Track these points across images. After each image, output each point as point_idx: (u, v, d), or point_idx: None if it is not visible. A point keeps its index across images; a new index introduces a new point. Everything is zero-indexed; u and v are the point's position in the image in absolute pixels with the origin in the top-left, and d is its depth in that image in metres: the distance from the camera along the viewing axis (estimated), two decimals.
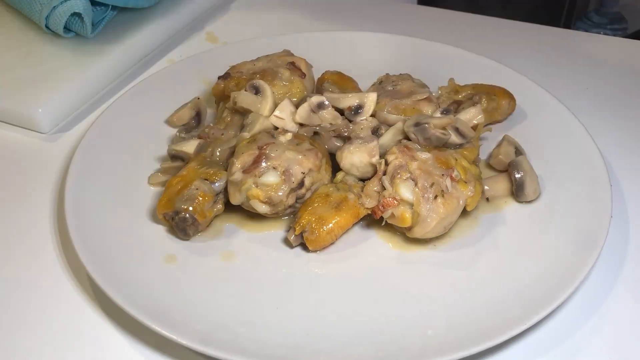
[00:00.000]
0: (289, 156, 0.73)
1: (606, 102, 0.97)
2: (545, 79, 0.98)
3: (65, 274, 0.72)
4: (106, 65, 1.00)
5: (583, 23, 2.22)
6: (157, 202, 0.74)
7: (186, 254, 0.72)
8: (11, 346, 0.65)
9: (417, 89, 0.85)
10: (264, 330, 0.64)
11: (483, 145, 0.84)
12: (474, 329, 0.63)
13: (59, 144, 0.91)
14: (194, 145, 0.80)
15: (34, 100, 0.92)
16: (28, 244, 0.76)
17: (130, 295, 0.65)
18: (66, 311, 0.69)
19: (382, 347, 0.62)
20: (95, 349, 0.65)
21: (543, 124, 0.88)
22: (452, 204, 0.70)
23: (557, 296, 0.64)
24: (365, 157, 0.75)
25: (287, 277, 0.70)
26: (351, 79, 0.91)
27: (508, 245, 0.73)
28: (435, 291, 0.68)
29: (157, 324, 0.62)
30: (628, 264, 0.73)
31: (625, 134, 0.91)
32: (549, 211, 0.76)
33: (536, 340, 0.66)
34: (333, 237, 0.72)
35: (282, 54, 0.91)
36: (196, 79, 0.97)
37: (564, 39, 1.13)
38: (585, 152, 0.81)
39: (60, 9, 0.98)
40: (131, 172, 0.82)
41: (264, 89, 0.82)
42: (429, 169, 0.71)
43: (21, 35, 1.03)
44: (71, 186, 0.77)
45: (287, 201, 0.72)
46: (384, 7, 1.22)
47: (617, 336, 0.66)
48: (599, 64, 1.05)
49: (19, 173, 0.86)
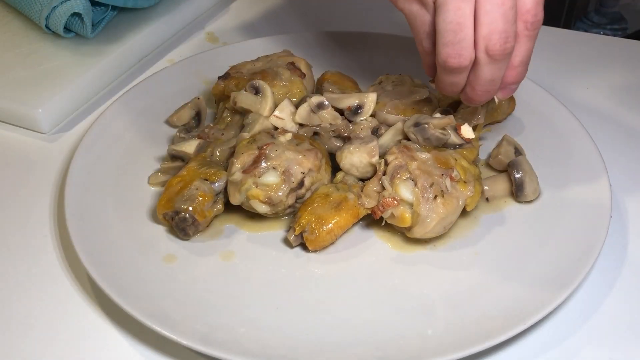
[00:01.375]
0: (288, 156, 0.73)
1: (606, 102, 0.97)
2: (545, 79, 0.98)
3: (65, 274, 0.72)
4: (106, 65, 1.00)
5: (583, 23, 2.21)
6: (157, 202, 0.74)
7: (186, 254, 0.72)
8: (11, 346, 0.65)
9: (416, 89, 0.85)
10: (264, 330, 0.64)
11: (483, 145, 0.84)
12: (474, 329, 0.63)
13: (59, 144, 0.91)
14: (194, 145, 0.80)
15: (34, 100, 0.92)
16: (28, 244, 0.76)
17: (130, 295, 0.65)
18: (66, 311, 0.69)
19: (382, 347, 0.62)
20: (95, 349, 0.65)
21: (543, 124, 0.88)
22: (452, 204, 0.70)
23: (557, 296, 0.64)
24: (365, 157, 0.75)
25: (287, 277, 0.70)
26: (351, 79, 0.91)
27: (508, 245, 0.73)
28: (435, 291, 0.68)
29: (157, 324, 0.62)
30: (628, 264, 0.73)
31: (625, 134, 0.91)
32: (549, 211, 0.76)
33: (536, 340, 0.66)
34: (333, 237, 0.72)
35: (282, 54, 0.91)
36: (196, 79, 0.97)
37: (564, 39, 1.12)
38: (585, 152, 0.81)
39: (60, 9, 0.98)
40: (131, 172, 0.82)
41: (264, 89, 0.82)
42: (428, 169, 0.71)
43: (21, 36, 1.03)
44: (71, 186, 0.77)
45: (286, 201, 0.72)
46: (384, 7, 1.22)
47: (617, 336, 0.66)
48: (599, 64, 1.05)
49: (19, 173, 0.86)
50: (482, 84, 0.68)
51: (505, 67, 0.67)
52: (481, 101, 0.71)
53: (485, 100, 0.71)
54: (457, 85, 0.70)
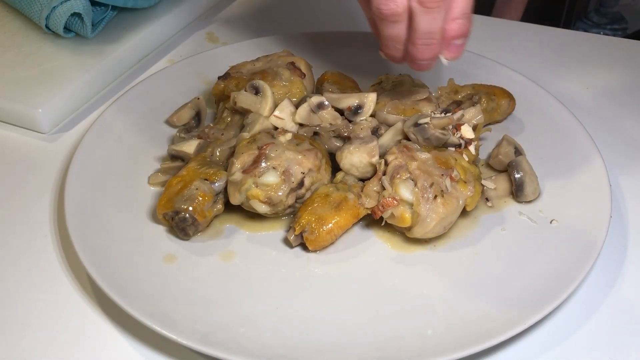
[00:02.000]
0: (288, 156, 0.73)
1: (606, 102, 0.97)
2: (545, 79, 0.98)
3: (65, 274, 0.72)
4: (106, 65, 1.00)
5: (583, 23, 2.21)
6: (157, 202, 0.74)
7: (186, 254, 0.72)
8: (11, 346, 0.65)
9: (416, 89, 0.85)
10: (264, 330, 0.64)
11: (483, 145, 0.84)
12: (474, 329, 0.63)
13: (59, 144, 0.91)
14: (194, 145, 0.80)
15: (34, 100, 0.92)
16: (28, 244, 0.76)
17: (130, 295, 0.65)
18: (66, 311, 0.69)
19: (382, 347, 0.62)
20: (95, 349, 0.65)
21: (543, 124, 0.88)
22: (452, 204, 0.70)
23: (557, 296, 0.64)
24: (364, 157, 0.75)
25: (286, 277, 0.70)
26: (351, 79, 0.91)
27: (507, 245, 0.73)
28: (434, 291, 0.68)
29: (157, 324, 0.62)
30: (628, 264, 0.73)
31: (625, 134, 0.91)
32: (549, 211, 0.76)
33: (536, 340, 0.66)
34: (333, 237, 0.72)
35: (282, 54, 0.91)
36: (196, 79, 0.97)
37: (564, 39, 1.13)
38: (585, 152, 0.81)
39: (60, 9, 0.98)
40: (131, 172, 0.82)
41: (264, 89, 0.82)
42: (428, 169, 0.71)
43: (21, 36, 1.03)
44: (71, 186, 0.77)
45: (286, 201, 0.72)
46: None
47: (617, 336, 0.66)
48: (599, 64, 1.05)
49: (19, 173, 0.86)
50: (420, 36, 0.67)
51: (442, 19, 0.66)
52: (425, 59, 0.69)
53: (429, 59, 0.70)
54: (397, 40, 0.68)
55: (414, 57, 0.69)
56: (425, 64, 0.70)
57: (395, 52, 0.70)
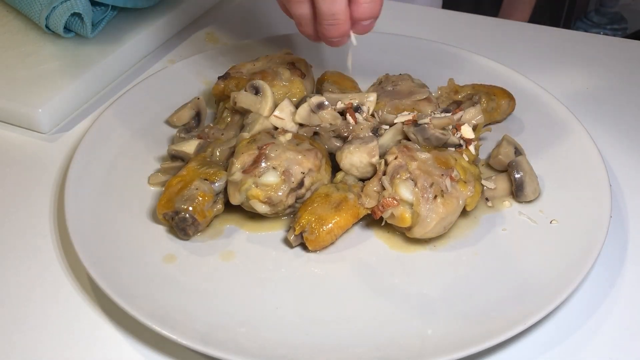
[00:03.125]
0: (288, 156, 0.73)
1: (606, 102, 0.97)
2: (545, 79, 0.98)
3: (65, 274, 0.72)
4: (106, 65, 1.00)
5: (583, 23, 2.22)
6: (157, 202, 0.74)
7: (186, 254, 0.72)
8: (11, 346, 0.65)
9: (416, 89, 0.85)
10: (264, 330, 0.64)
11: (483, 145, 0.84)
12: (474, 329, 0.63)
13: (59, 144, 0.91)
14: (194, 145, 0.80)
15: (34, 100, 0.92)
16: (28, 244, 0.76)
17: (130, 295, 0.65)
18: (66, 311, 0.69)
19: (382, 347, 0.62)
20: (95, 349, 0.65)
21: (543, 124, 0.88)
22: (452, 204, 0.70)
23: (557, 296, 0.64)
24: (364, 157, 0.75)
25: (286, 277, 0.70)
26: (351, 79, 0.91)
27: (507, 245, 0.73)
28: (435, 291, 0.68)
29: (157, 324, 0.62)
30: (628, 264, 0.73)
31: (624, 134, 0.91)
32: (549, 211, 0.76)
33: (536, 340, 0.66)
34: (333, 237, 0.72)
35: (282, 54, 0.91)
36: (196, 79, 0.97)
37: (564, 39, 1.13)
38: (585, 152, 0.81)
39: (60, 9, 0.98)
40: (131, 172, 0.82)
41: (264, 89, 0.82)
42: (428, 169, 0.71)
43: (21, 36, 1.03)
44: (71, 186, 0.77)
45: (286, 201, 0.72)
46: (384, 7, 1.22)
47: (617, 336, 0.66)
48: (599, 64, 1.05)
49: (19, 173, 0.86)
50: (324, 17, 0.70)
51: (343, 1, 0.69)
52: (333, 37, 0.73)
53: (338, 37, 0.73)
54: (305, 19, 0.72)
55: (323, 36, 0.74)
56: (335, 42, 0.74)
57: (307, 30, 0.75)
